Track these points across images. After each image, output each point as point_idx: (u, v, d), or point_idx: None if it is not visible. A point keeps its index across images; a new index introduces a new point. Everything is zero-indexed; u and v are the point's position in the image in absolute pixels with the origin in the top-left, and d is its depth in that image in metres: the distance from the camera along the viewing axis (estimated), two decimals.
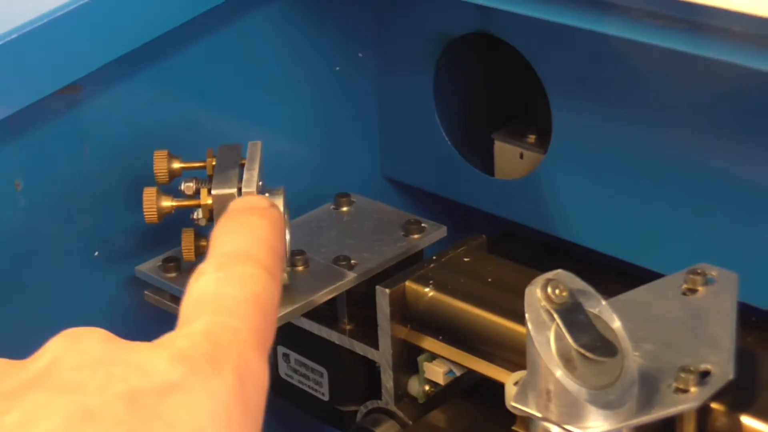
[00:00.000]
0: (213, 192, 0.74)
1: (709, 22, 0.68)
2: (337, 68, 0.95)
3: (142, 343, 0.51)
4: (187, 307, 0.53)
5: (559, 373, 0.63)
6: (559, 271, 0.66)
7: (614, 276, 0.90)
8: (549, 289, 0.64)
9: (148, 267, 0.82)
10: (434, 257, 0.83)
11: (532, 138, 0.95)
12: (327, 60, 0.94)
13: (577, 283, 0.66)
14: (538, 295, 0.64)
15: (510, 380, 0.74)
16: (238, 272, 0.54)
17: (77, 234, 0.82)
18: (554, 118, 0.87)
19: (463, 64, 0.95)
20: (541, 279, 0.65)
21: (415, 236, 0.87)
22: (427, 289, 0.80)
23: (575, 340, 0.64)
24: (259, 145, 0.79)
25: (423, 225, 0.87)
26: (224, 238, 0.58)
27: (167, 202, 0.77)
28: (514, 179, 0.93)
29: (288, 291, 0.78)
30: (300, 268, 0.81)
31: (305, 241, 0.86)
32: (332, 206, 0.91)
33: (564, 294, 0.65)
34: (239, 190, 0.75)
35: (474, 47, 0.93)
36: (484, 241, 0.86)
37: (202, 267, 0.55)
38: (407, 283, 0.81)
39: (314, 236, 0.87)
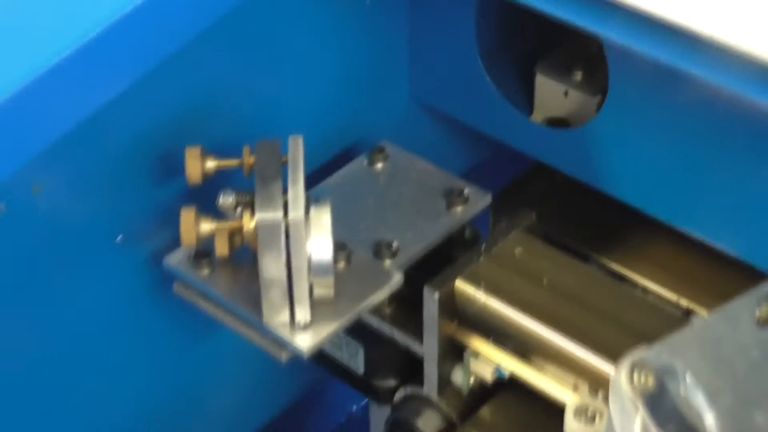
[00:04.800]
0: (258, 216, 0.68)
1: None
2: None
3: None
4: None
5: None
6: (643, 350, 0.61)
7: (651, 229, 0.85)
8: (635, 377, 0.60)
9: (178, 260, 0.76)
10: (484, 246, 0.78)
11: (578, 74, 0.88)
12: None
13: (662, 358, 0.62)
14: (624, 385, 0.60)
15: (570, 408, 0.70)
16: None
17: (100, 218, 0.76)
18: (611, 73, 0.80)
19: None
20: (626, 365, 0.60)
21: (458, 208, 0.81)
22: (479, 294, 0.75)
23: (662, 430, 0.60)
24: (300, 143, 0.72)
25: (465, 192, 0.81)
26: None
27: (207, 226, 0.70)
28: (562, 129, 0.86)
29: (332, 300, 0.73)
30: (341, 265, 0.75)
31: (342, 214, 0.80)
32: (366, 161, 0.85)
33: (649, 380, 0.60)
34: (285, 209, 0.68)
35: None
36: (534, 219, 0.80)
37: None
38: (457, 284, 0.76)
39: (351, 206, 0.81)
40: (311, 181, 0.79)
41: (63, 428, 0.81)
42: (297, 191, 0.69)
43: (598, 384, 0.72)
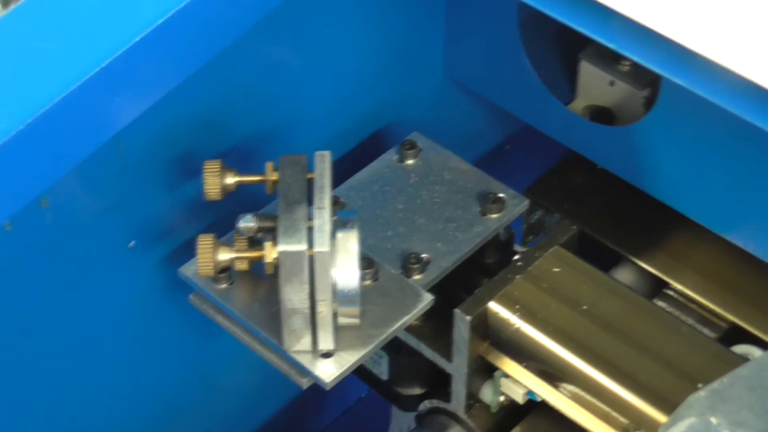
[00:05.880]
0: (281, 248, 0.63)
1: None
2: None
3: None
4: None
5: None
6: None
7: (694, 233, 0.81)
8: None
9: (193, 271, 0.71)
10: (519, 262, 0.73)
11: (627, 64, 0.82)
12: None
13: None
14: None
15: None
16: None
17: (111, 226, 0.71)
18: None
19: None
20: None
21: (493, 216, 0.76)
22: (512, 319, 0.71)
23: None
24: (327, 159, 0.67)
25: (500, 196, 0.76)
26: None
27: (225, 255, 0.66)
28: (607, 126, 0.81)
29: (357, 325, 0.69)
30: (368, 282, 0.71)
31: (370, 218, 0.75)
32: (396, 156, 0.80)
33: None
34: (309, 235, 0.64)
35: None
36: (576, 234, 0.75)
37: None
38: (490, 306, 0.71)
39: (379, 209, 0.76)
40: (339, 169, 0.74)
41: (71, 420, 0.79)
42: (323, 219, 0.64)
43: (633, 419, 0.68)
